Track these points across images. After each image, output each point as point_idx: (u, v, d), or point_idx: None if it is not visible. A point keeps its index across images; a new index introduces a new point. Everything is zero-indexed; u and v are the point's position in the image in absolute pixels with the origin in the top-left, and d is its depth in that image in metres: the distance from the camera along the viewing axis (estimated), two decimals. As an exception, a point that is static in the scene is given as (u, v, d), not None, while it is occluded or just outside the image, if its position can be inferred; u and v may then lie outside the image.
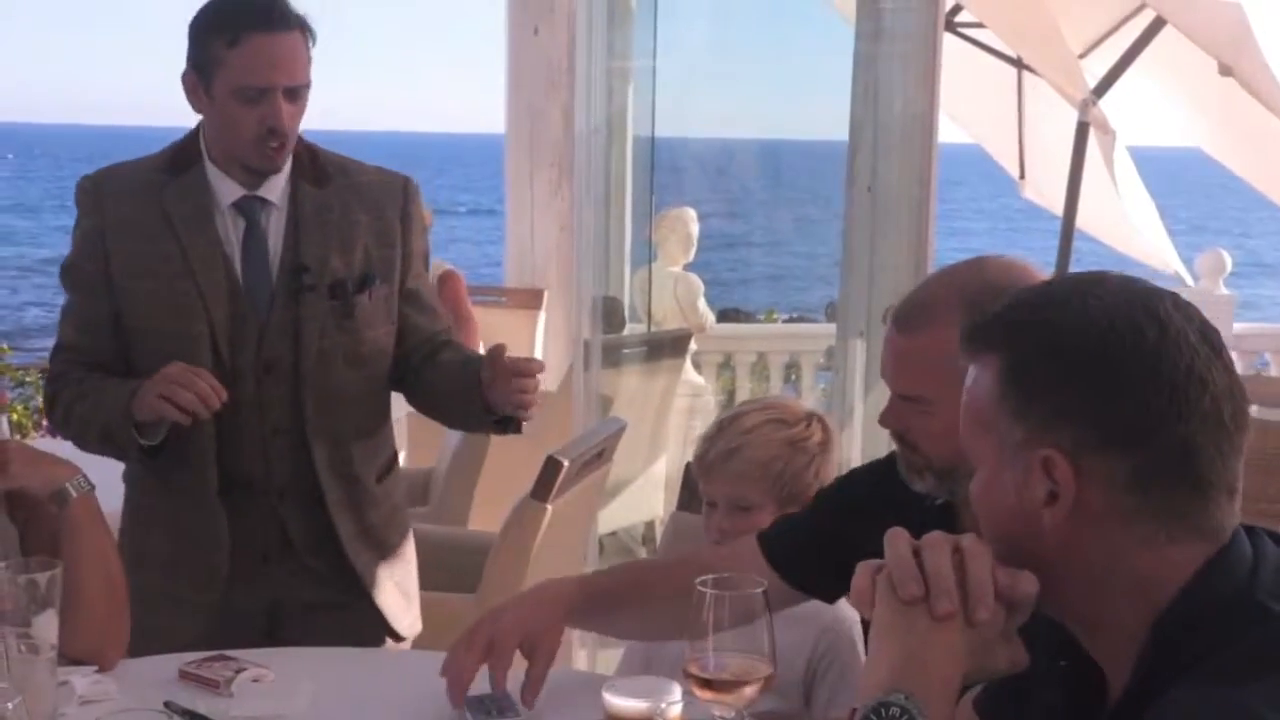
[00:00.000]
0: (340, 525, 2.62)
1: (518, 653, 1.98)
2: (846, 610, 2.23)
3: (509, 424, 2.63)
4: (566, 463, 3.13)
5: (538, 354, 6.11)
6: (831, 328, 5.40)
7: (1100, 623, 1.30)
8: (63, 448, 2.56)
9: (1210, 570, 1.26)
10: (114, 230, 2.57)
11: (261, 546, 2.61)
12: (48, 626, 1.85)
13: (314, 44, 2.53)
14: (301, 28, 2.49)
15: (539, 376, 2.53)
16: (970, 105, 6.29)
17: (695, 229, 6.86)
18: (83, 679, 2.07)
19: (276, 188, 2.58)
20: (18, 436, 6.88)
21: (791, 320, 9.33)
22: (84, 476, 2.17)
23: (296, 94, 2.50)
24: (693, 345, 6.35)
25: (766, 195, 7.57)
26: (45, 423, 7.59)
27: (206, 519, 2.58)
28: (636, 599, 2.07)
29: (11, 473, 2.10)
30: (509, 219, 6.83)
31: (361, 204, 2.63)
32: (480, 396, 2.56)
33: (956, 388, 1.59)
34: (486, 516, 4.13)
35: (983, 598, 1.26)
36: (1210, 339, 1.29)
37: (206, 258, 2.54)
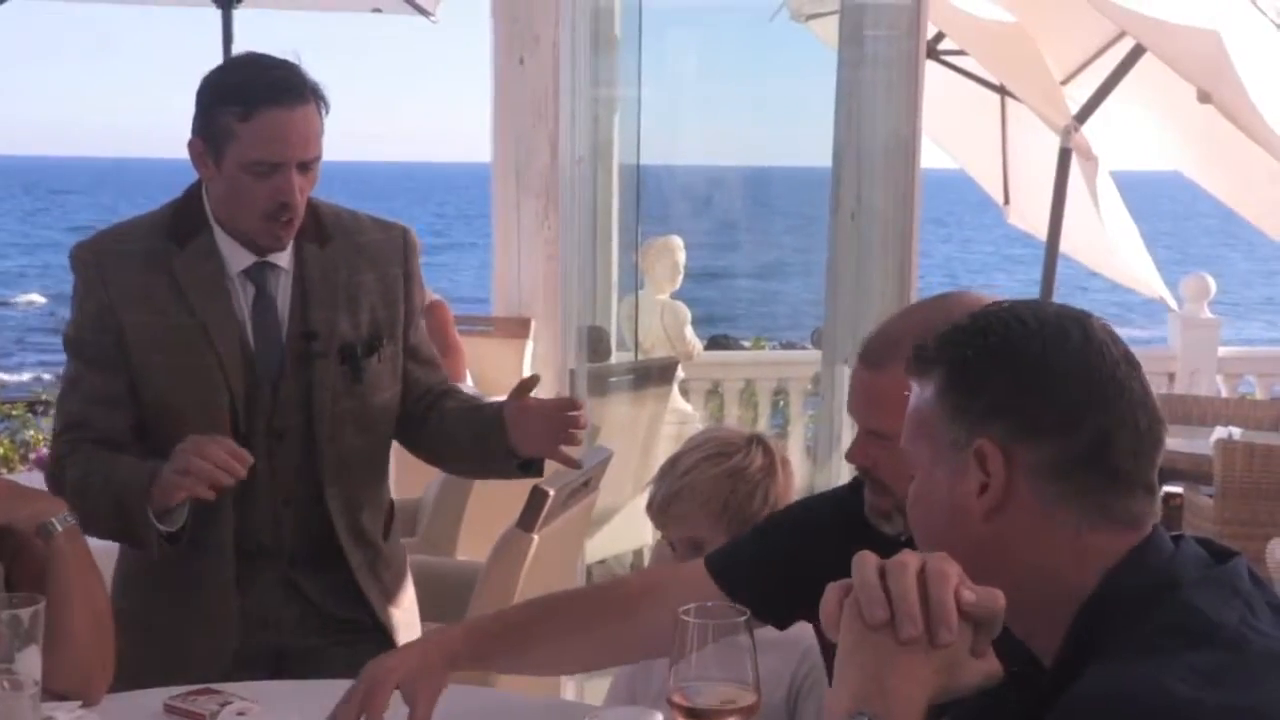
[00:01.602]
0: (366, 587, 2.60)
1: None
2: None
3: (532, 467, 2.60)
4: (553, 492, 3.13)
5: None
6: (818, 354, 5.42)
7: (1026, 611, 1.36)
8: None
9: (1131, 556, 1.35)
10: (123, 303, 2.48)
11: (274, 608, 2.57)
12: (31, 662, 1.84)
13: (327, 113, 2.45)
14: (316, 98, 2.42)
15: (582, 412, 2.49)
16: (954, 132, 6.32)
17: (682, 257, 6.89)
18: (67, 715, 2.07)
19: (284, 251, 2.52)
20: (3, 471, 6.87)
21: (780, 348, 9.34)
22: (69, 511, 2.17)
23: (308, 167, 2.44)
24: (680, 373, 6.36)
25: (752, 223, 7.60)
26: (32, 456, 7.60)
27: (220, 592, 2.53)
28: (550, 631, 2.03)
29: None
30: (495, 248, 6.84)
31: (365, 263, 2.58)
32: (504, 442, 2.52)
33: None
34: (474, 546, 4.12)
35: (945, 619, 1.27)
36: (1130, 360, 1.40)
37: (223, 327, 2.48)
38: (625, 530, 5.60)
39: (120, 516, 2.38)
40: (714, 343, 9.33)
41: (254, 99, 2.37)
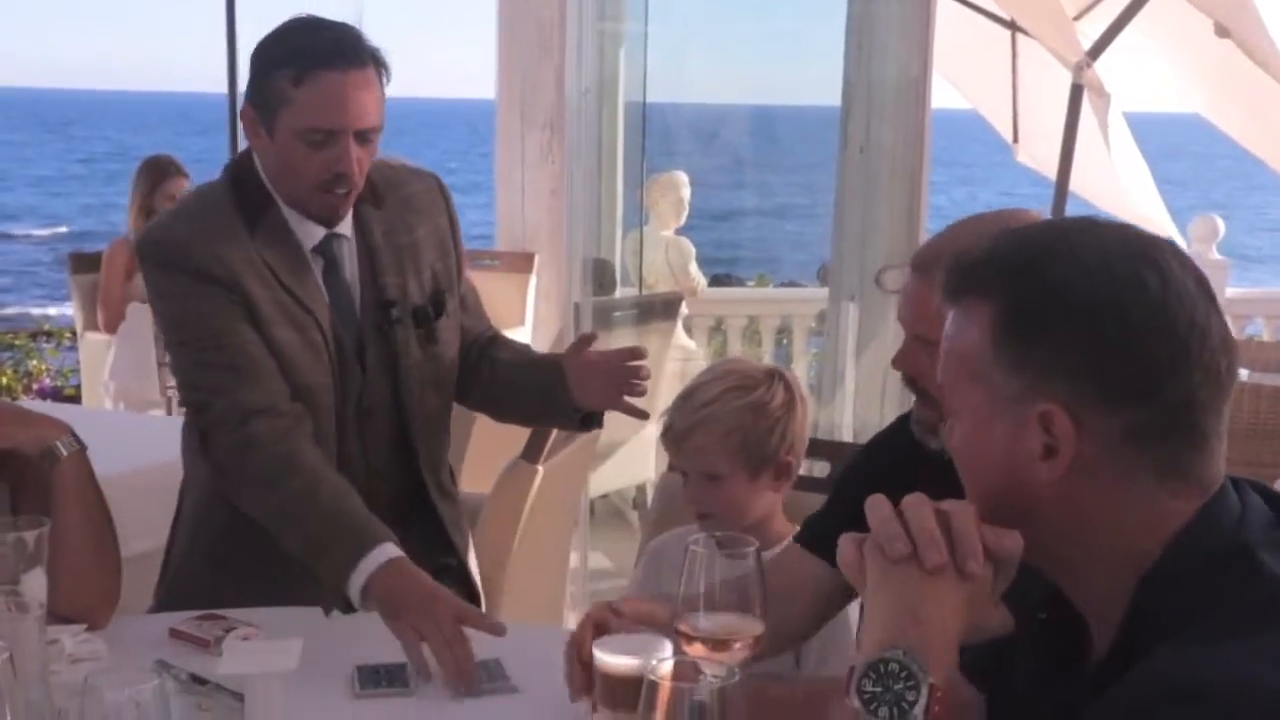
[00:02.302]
0: (454, 537, 2.58)
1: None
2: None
3: (593, 419, 2.54)
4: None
5: (528, 316, 6.09)
6: (823, 292, 5.40)
7: (1088, 576, 1.29)
8: (52, 409, 2.54)
9: (1199, 521, 1.25)
10: (237, 279, 2.31)
11: None
12: (36, 584, 1.84)
13: (389, 80, 2.32)
14: (376, 64, 2.28)
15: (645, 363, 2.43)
16: (964, 68, 6.26)
17: (686, 193, 6.85)
18: (72, 638, 2.06)
19: (346, 219, 2.42)
20: (6, 399, 6.86)
21: (784, 286, 9.32)
22: (74, 435, 2.16)
23: (367, 137, 2.30)
24: (684, 309, 6.34)
25: (759, 161, 7.55)
26: (35, 387, 7.60)
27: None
28: None
29: (1, 432, 2.09)
30: (499, 182, 6.79)
31: (416, 218, 2.49)
32: (565, 395, 2.47)
33: None
34: (477, 478, 4.11)
35: (972, 549, 1.25)
36: (1205, 287, 1.27)
37: (316, 303, 2.36)
38: (628, 465, 5.61)
39: (308, 554, 2.23)
40: (717, 280, 9.29)
41: (308, 62, 2.23)
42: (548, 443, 3.13)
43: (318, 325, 2.36)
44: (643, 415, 2.47)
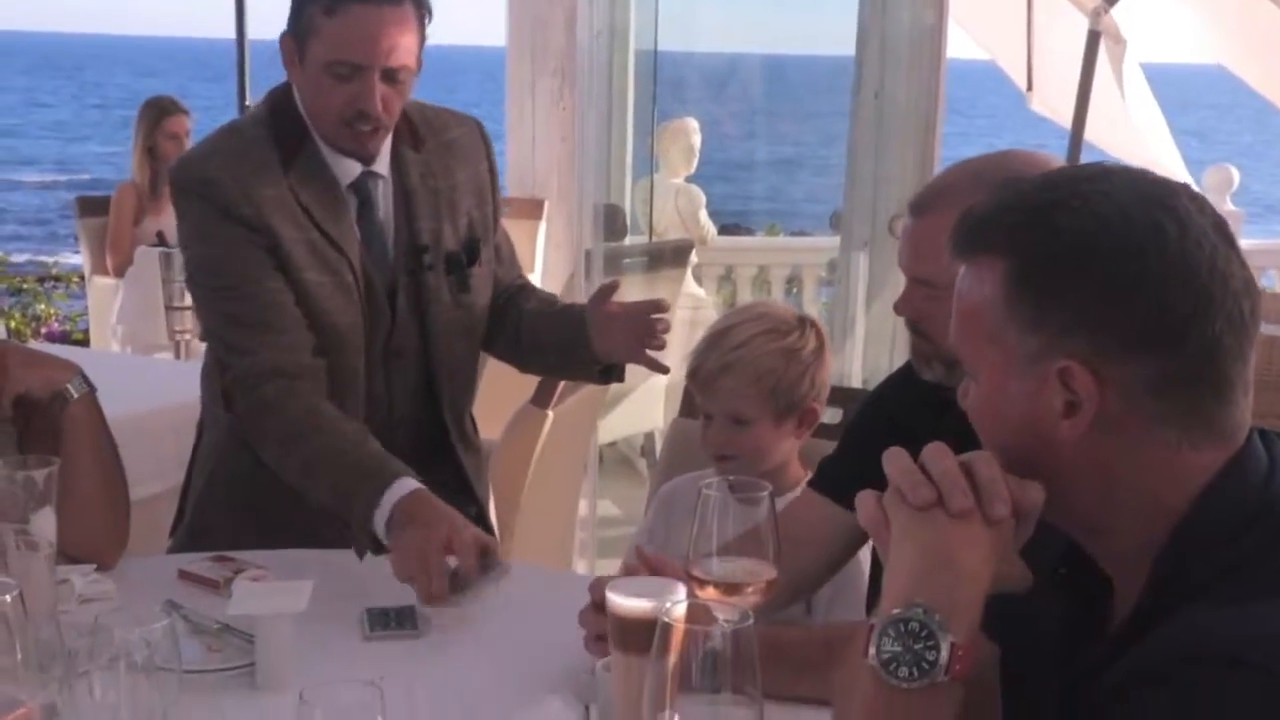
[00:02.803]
0: (475, 484, 2.56)
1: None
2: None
3: (613, 371, 2.50)
4: (568, 370, 3.10)
5: (538, 263, 6.07)
6: (833, 241, 5.37)
7: (1112, 531, 1.27)
8: (61, 352, 2.53)
9: (1227, 473, 1.23)
10: (266, 221, 2.28)
11: None
12: (46, 524, 1.83)
13: (430, 20, 2.27)
14: (415, 3, 2.24)
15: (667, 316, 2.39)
16: (979, 14, 6.21)
17: (697, 140, 6.81)
18: (82, 578, 2.06)
19: (383, 158, 2.38)
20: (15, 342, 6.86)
21: (794, 235, 9.28)
22: (84, 377, 2.15)
23: (395, 77, 2.25)
24: (694, 257, 6.31)
25: (771, 109, 7.50)
26: (43, 331, 7.60)
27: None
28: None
29: (10, 375, 2.07)
30: (510, 128, 6.75)
31: (457, 163, 2.46)
32: (586, 346, 2.43)
33: None
34: (487, 423, 4.10)
35: (998, 493, 1.23)
36: (1224, 232, 1.24)
37: (348, 243, 2.33)
38: (637, 412, 5.60)
39: (337, 503, 2.19)
40: (726, 229, 9.26)
41: None
42: (558, 388, 3.12)
43: (350, 265, 2.34)
44: (663, 369, 2.44)
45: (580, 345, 2.45)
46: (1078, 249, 1.22)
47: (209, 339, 2.41)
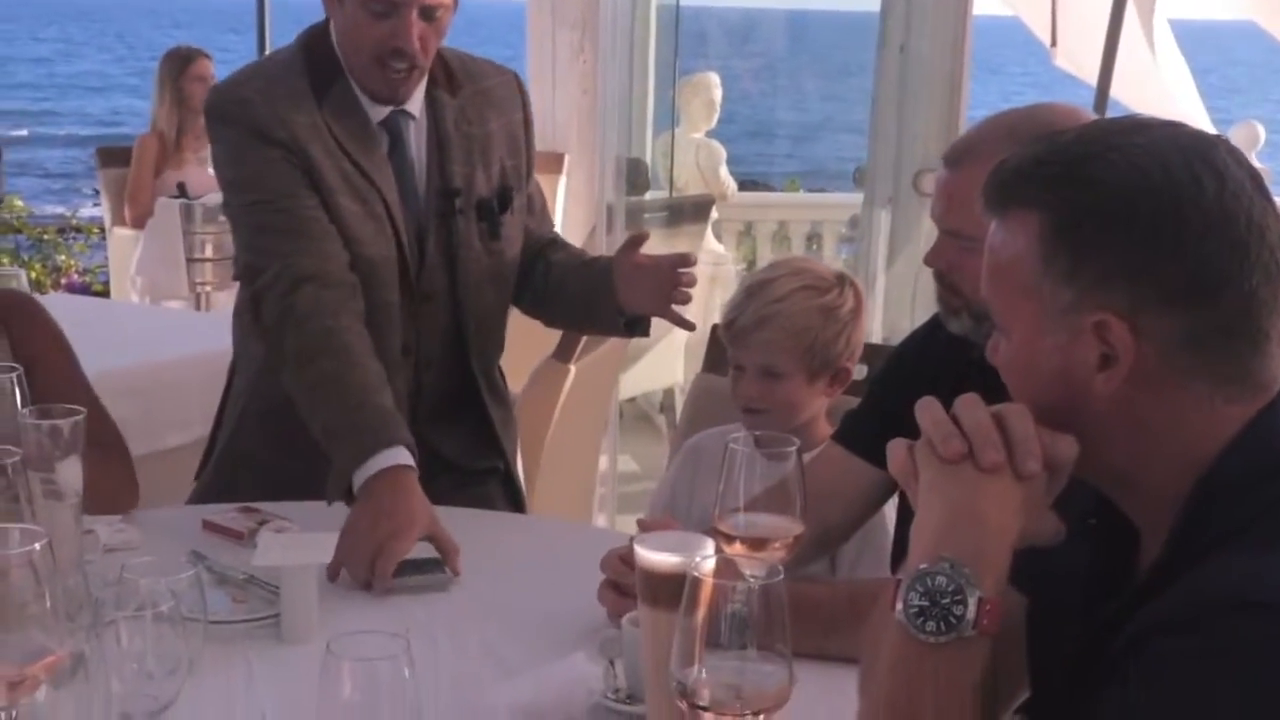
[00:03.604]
0: (503, 438, 2.54)
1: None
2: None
3: (639, 325, 2.48)
4: (590, 324, 3.09)
5: (559, 216, 6.05)
6: (854, 198, 5.34)
7: (1141, 485, 1.26)
8: (81, 304, 2.52)
9: (1255, 426, 1.22)
10: (300, 144, 2.28)
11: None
12: (71, 473, 1.83)
13: None
14: None
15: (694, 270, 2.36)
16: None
17: (718, 95, 6.76)
18: (107, 527, 2.07)
19: (417, 99, 2.37)
20: (35, 294, 6.87)
21: (814, 191, 9.24)
22: None
23: (433, 14, 2.25)
24: (714, 213, 6.29)
25: (792, 65, 7.44)
26: (64, 281, 7.61)
27: None
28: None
29: None
30: (530, 82, 6.70)
31: (492, 111, 2.45)
32: (612, 299, 2.41)
33: None
34: (510, 377, 4.11)
35: (1030, 448, 1.22)
36: (1260, 184, 1.23)
37: (382, 178, 2.33)
38: (657, 368, 5.60)
39: (327, 439, 2.18)
40: (746, 186, 9.23)
41: None
42: (580, 343, 3.11)
43: (381, 199, 2.33)
44: (689, 325, 2.42)
45: (606, 297, 2.42)
46: (1115, 201, 1.20)
47: (241, 253, 2.38)
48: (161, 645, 1.40)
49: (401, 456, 2.10)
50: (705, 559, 1.35)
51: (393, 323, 2.36)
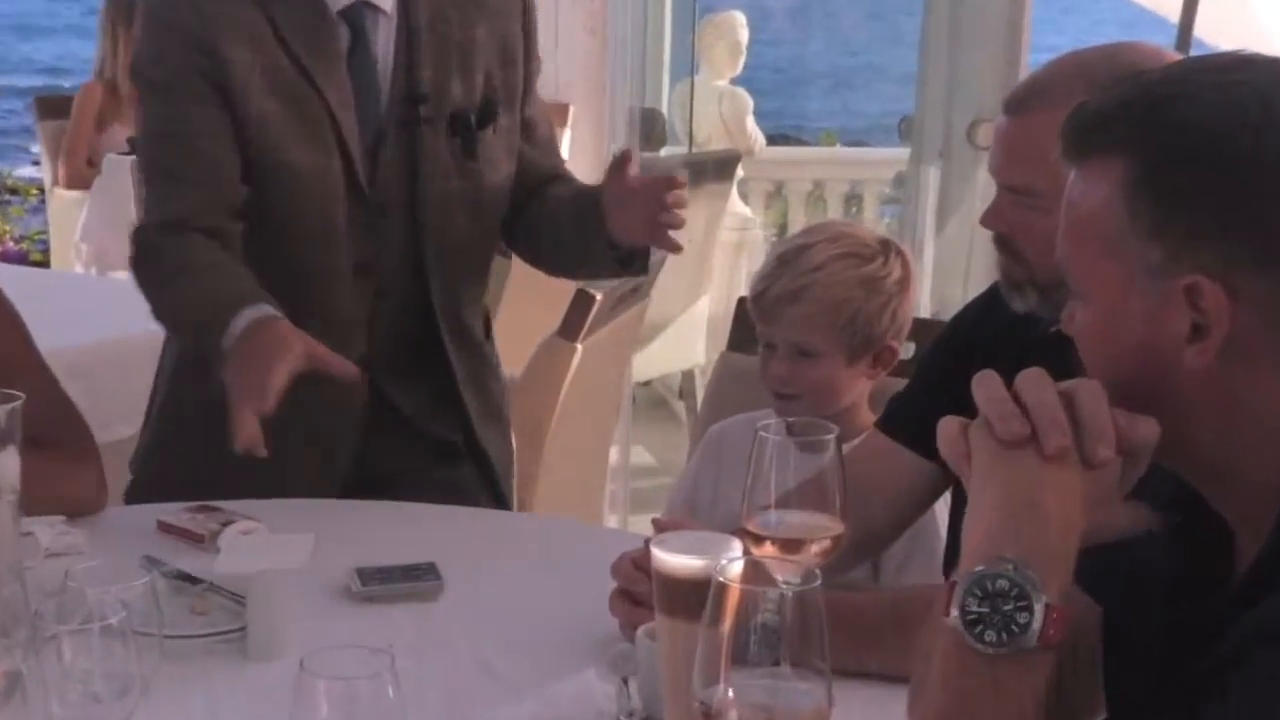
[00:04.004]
0: (468, 400, 2.52)
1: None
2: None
3: (634, 262, 2.46)
4: (599, 297, 3.10)
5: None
6: (900, 153, 5.33)
7: (1235, 473, 1.25)
8: (18, 275, 2.52)
9: None
10: (222, 36, 2.30)
11: (356, 423, 2.44)
12: (7, 466, 1.82)
13: None
14: None
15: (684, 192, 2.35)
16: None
17: (744, 37, 6.75)
18: (49, 529, 2.07)
19: None
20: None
21: (853, 145, 9.23)
22: None
23: None
24: (740, 171, 6.28)
25: (829, 3, 7.44)
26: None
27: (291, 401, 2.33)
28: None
29: None
30: (529, 21, 6.71)
31: (480, 14, 2.45)
32: (602, 228, 2.39)
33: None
34: (507, 358, 4.10)
35: (1102, 432, 1.21)
36: None
37: (331, 76, 2.35)
38: (675, 348, 5.60)
39: (199, 342, 2.26)
40: (777, 138, 9.22)
41: None
42: (588, 318, 3.10)
43: (320, 99, 2.34)
44: (676, 248, 2.43)
45: (595, 226, 2.41)
46: (1209, 146, 1.20)
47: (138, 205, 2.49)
48: (110, 663, 1.40)
49: (266, 310, 2.16)
50: (731, 562, 1.34)
51: (336, 238, 2.38)
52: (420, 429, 2.51)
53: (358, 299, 2.40)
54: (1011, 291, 1.94)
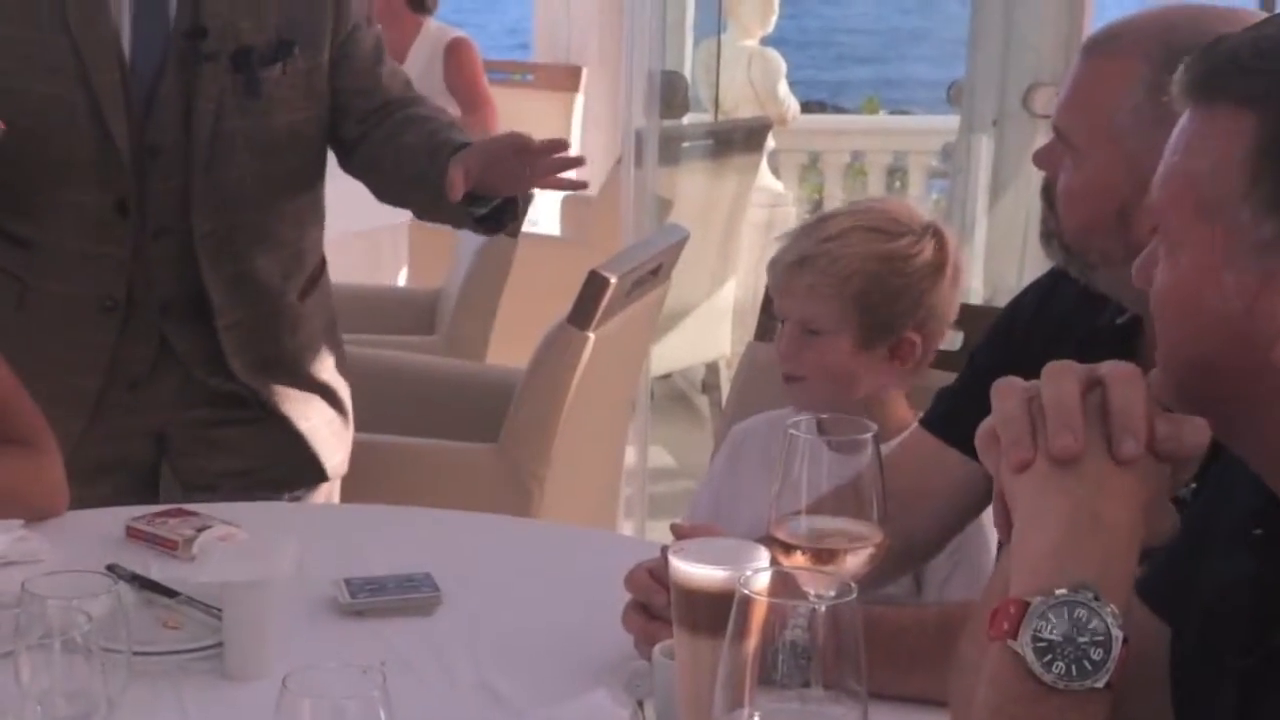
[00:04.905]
0: (231, 356, 2.59)
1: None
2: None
3: (501, 218, 2.54)
4: (614, 280, 3.09)
5: (574, 144, 6.05)
6: (949, 122, 5.32)
7: None
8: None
9: None
10: None
11: (140, 367, 2.57)
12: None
13: None
14: None
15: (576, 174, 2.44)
16: None
17: (777, -9, 6.75)
18: (5, 535, 2.08)
19: None
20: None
21: (897, 114, 9.22)
22: None
23: None
24: (770, 142, 6.27)
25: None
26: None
27: (75, 337, 2.54)
28: None
29: None
30: (537, -24, 6.73)
31: None
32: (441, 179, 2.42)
33: (1108, 144, 1.78)
34: (509, 349, 4.12)
35: (1129, 427, 1.23)
36: None
37: (88, 7, 2.46)
38: (698, 338, 5.60)
39: None
40: (811, 106, 9.22)
41: None
42: (601, 304, 3.10)
43: (66, 29, 2.43)
44: (578, 184, 2.59)
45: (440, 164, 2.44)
46: None
47: None
48: (73, 682, 1.41)
49: None
50: (757, 573, 1.35)
51: (80, 174, 2.47)
52: (199, 377, 2.59)
53: (120, 236, 2.50)
54: (1044, 239, 1.95)
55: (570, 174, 2.48)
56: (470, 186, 2.37)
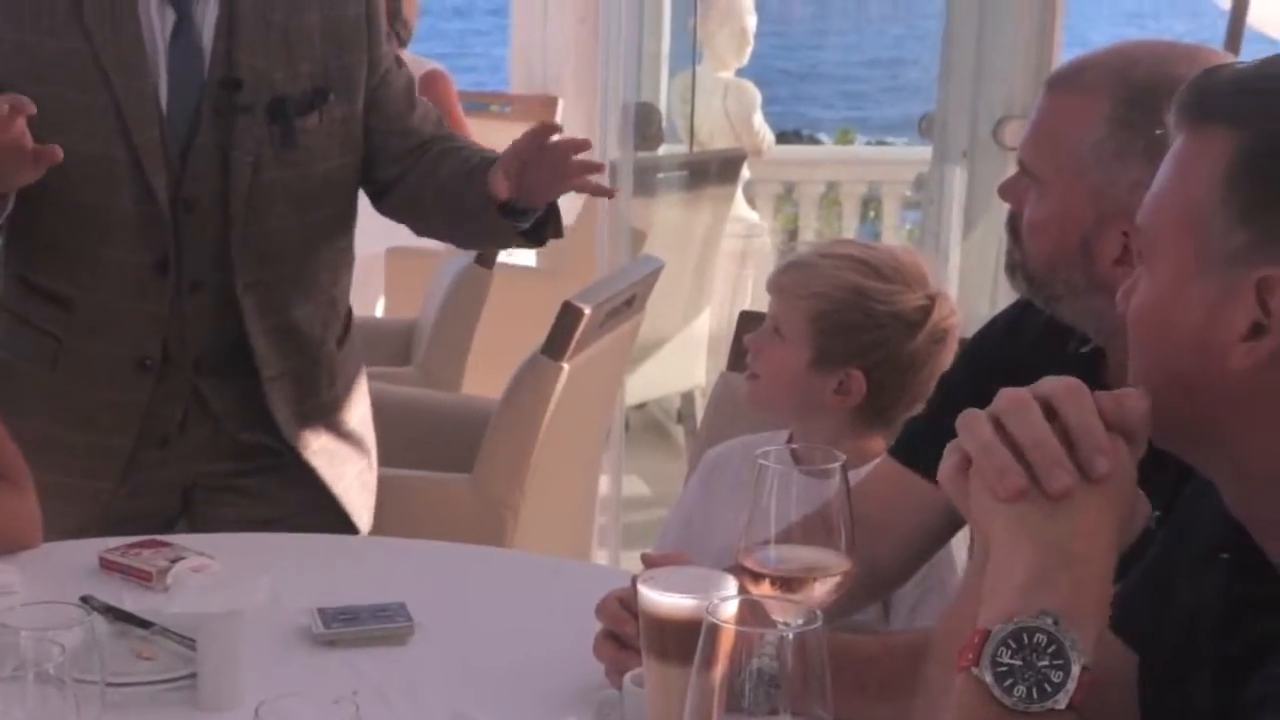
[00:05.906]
0: (277, 409, 2.58)
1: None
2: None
3: (543, 228, 2.56)
4: (589, 311, 3.10)
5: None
6: (921, 152, 5.33)
7: (1273, 500, 1.26)
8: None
9: None
10: None
11: (171, 424, 2.56)
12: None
13: None
14: None
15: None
16: None
17: (752, 24, 6.76)
18: (-24, 568, 2.08)
19: None
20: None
21: (872, 144, 9.24)
22: None
23: None
24: (745, 172, 6.29)
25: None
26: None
27: (110, 396, 2.53)
28: None
29: None
30: (515, 9, 6.74)
31: (313, 0, 2.55)
32: (484, 189, 2.46)
33: (1071, 177, 1.81)
34: (484, 379, 4.12)
35: (1095, 444, 1.24)
36: None
37: (126, 60, 2.44)
38: (673, 367, 5.60)
39: None
40: (787, 137, 9.23)
41: None
42: (575, 334, 3.11)
43: (109, 85, 2.42)
44: (608, 191, 2.62)
45: (479, 183, 2.47)
46: None
47: None
48: (47, 713, 1.41)
49: None
50: (724, 602, 1.36)
51: (125, 234, 2.46)
52: (230, 431, 2.58)
53: (158, 292, 2.48)
54: (1009, 273, 1.97)
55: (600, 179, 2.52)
56: (514, 186, 2.41)
